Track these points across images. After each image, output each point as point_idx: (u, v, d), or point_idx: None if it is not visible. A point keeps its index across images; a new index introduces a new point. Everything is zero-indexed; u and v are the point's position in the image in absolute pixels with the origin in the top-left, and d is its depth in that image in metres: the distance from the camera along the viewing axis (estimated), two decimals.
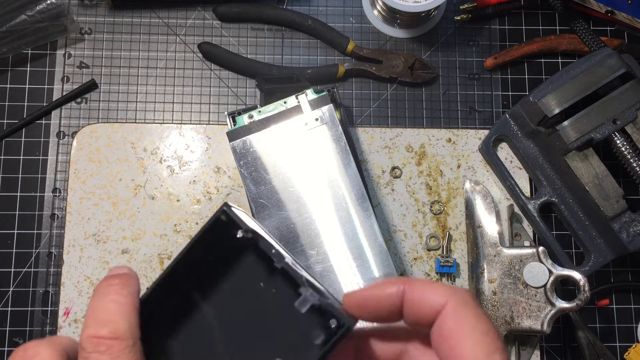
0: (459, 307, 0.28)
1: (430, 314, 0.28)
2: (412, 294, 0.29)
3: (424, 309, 0.28)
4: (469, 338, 0.27)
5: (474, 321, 0.27)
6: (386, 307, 0.29)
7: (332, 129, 0.55)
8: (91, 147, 0.62)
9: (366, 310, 0.30)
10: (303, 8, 0.66)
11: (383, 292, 0.29)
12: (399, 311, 0.29)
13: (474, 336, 0.27)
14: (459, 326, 0.27)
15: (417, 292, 0.29)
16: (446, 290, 0.28)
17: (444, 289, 0.28)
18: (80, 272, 0.59)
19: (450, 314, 0.27)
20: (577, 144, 0.57)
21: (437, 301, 0.28)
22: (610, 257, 0.59)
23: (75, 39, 0.65)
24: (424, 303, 0.28)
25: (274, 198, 0.54)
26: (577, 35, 0.65)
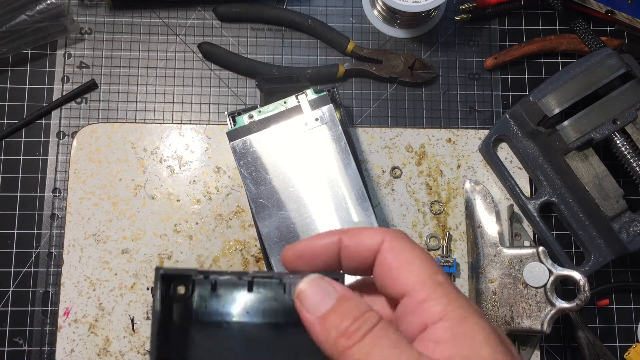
0: (394, 242, 0.29)
1: (368, 256, 0.30)
2: (348, 240, 0.30)
3: (361, 252, 0.30)
4: (410, 265, 0.28)
5: (411, 251, 0.29)
6: (323, 257, 0.31)
7: (332, 129, 0.55)
8: (91, 147, 0.62)
9: (303, 261, 0.31)
10: (303, 8, 0.66)
11: (320, 243, 0.30)
12: (336, 260, 0.31)
13: (414, 263, 0.28)
14: (398, 259, 0.29)
15: (353, 238, 0.30)
16: (379, 231, 0.30)
17: (376, 230, 0.30)
18: (80, 272, 0.59)
19: (387, 250, 0.29)
20: (577, 144, 0.57)
21: (372, 242, 0.29)
22: (610, 257, 0.59)
23: (75, 39, 0.65)
24: (359, 246, 0.30)
25: (274, 198, 0.54)
26: (577, 35, 0.65)
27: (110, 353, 0.58)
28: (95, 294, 0.59)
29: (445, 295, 0.27)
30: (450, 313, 0.27)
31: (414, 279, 0.28)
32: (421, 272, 0.28)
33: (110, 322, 0.59)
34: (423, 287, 0.27)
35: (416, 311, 0.27)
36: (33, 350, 0.59)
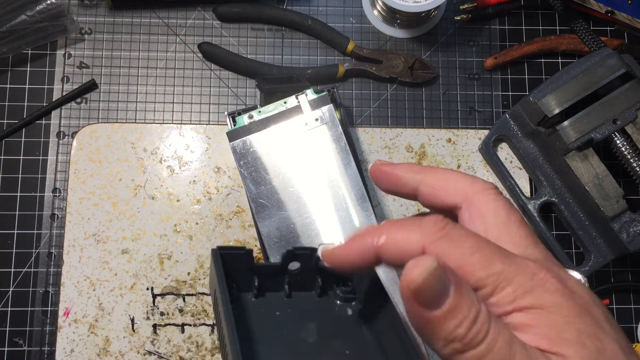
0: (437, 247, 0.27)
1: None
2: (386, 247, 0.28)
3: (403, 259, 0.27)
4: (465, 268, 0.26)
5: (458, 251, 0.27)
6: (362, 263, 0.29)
7: (332, 129, 0.55)
8: (91, 147, 0.62)
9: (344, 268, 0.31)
10: (303, 8, 0.66)
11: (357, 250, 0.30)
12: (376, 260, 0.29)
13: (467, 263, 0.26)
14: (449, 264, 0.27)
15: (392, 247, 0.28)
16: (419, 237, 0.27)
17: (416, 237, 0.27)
18: (80, 272, 0.59)
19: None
20: (577, 144, 0.57)
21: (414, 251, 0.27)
22: (610, 257, 0.59)
23: (75, 39, 0.65)
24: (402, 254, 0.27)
25: (274, 198, 0.54)
26: (577, 35, 0.65)
27: (110, 353, 0.58)
28: (95, 294, 0.59)
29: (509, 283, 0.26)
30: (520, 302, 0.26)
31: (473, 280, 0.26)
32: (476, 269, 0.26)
33: (110, 322, 0.59)
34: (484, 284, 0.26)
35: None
36: (33, 350, 0.59)
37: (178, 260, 0.60)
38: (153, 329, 0.59)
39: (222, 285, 0.31)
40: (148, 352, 0.59)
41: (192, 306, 0.60)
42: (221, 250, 0.33)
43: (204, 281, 0.60)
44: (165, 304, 0.60)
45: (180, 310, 0.59)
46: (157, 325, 0.59)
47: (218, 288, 0.31)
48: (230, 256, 0.34)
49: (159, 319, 0.59)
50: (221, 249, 0.33)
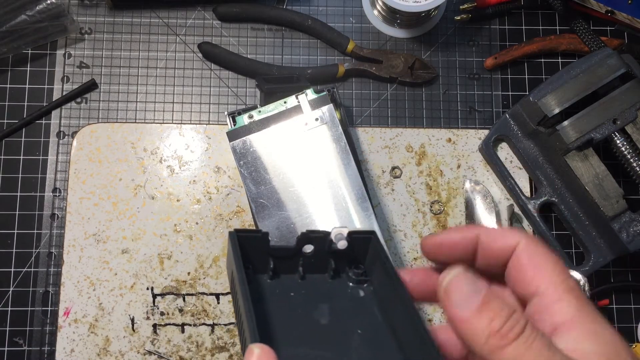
0: (530, 244, 0.30)
1: (503, 255, 0.31)
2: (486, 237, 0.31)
3: (497, 250, 0.31)
4: (543, 268, 0.29)
5: (545, 255, 0.30)
6: (460, 250, 0.32)
7: (332, 129, 0.55)
8: (91, 147, 0.62)
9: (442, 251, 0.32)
10: (303, 8, 0.66)
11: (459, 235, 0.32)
12: (472, 254, 0.32)
13: (547, 266, 0.29)
14: (532, 260, 0.29)
15: (491, 235, 0.31)
16: (515, 232, 0.31)
17: (513, 231, 0.31)
18: (80, 272, 0.59)
19: (522, 251, 0.30)
20: (577, 144, 0.57)
21: (509, 242, 0.30)
22: (610, 257, 0.59)
23: (75, 39, 0.65)
24: (496, 244, 0.31)
25: (274, 198, 0.54)
26: (577, 35, 0.65)
27: (110, 353, 0.58)
28: (95, 294, 0.59)
29: (577, 298, 0.28)
30: (583, 316, 0.27)
31: (547, 280, 0.29)
32: (554, 274, 0.29)
33: (110, 322, 0.59)
34: (556, 289, 0.28)
35: (547, 311, 0.28)
36: (33, 350, 0.59)
37: (178, 260, 0.60)
38: (153, 328, 0.59)
39: (240, 266, 0.32)
40: (148, 352, 0.59)
41: (192, 306, 0.60)
42: (238, 232, 0.34)
43: (204, 281, 0.60)
44: (165, 303, 0.60)
45: (180, 310, 0.59)
46: (157, 325, 0.59)
47: (235, 269, 0.32)
48: (247, 238, 0.35)
49: (159, 319, 0.59)
50: (238, 232, 0.34)
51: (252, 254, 0.35)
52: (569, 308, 0.27)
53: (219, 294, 0.60)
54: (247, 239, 0.35)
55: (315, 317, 0.34)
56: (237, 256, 0.33)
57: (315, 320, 0.34)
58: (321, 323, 0.34)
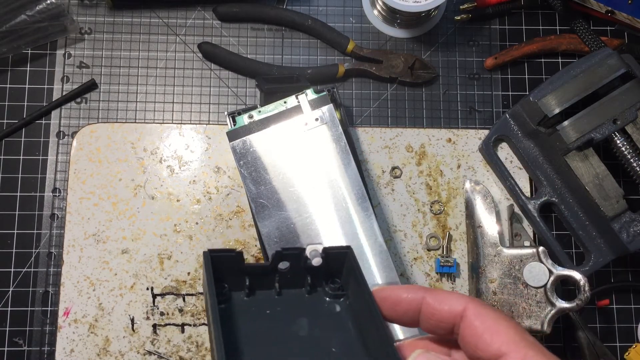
0: (479, 309, 0.31)
1: (448, 319, 0.32)
2: (432, 300, 0.32)
3: (442, 314, 0.32)
4: (499, 329, 0.30)
5: (496, 317, 0.31)
6: (405, 307, 0.33)
7: (332, 129, 0.55)
8: (91, 147, 0.62)
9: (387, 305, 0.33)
10: (303, 8, 0.66)
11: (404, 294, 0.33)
12: (416, 313, 0.33)
13: (502, 326, 0.30)
14: (485, 323, 0.30)
15: (437, 298, 0.32)
16: (462, 297, 0.32)
17: (460, 296, 0.32)
18: (80, 272, 0.59)
19: (473, 316, 0.31)
20: (577, 144, 0.57)
21: (455, 307, 0.31)
22: (610, 257, 0.59)
23: (75, 39, 0.65)
24: (442, 308, 0.32)
25: (274, 198, 0.54)
26: (577, 35, 0.65)
27: (110, 353, 0.58)
28: (95, 294, 0.59)
29: (541, 353, 0.29)
30: None
31: (507, 341, 0.29)
32: (512, 333, 0.30)
33: (110, 322, 0.59)
34: (518, 348, 0.29)
35: None
36: (33, 350, 0.59)
37: (178, 260, 0.60)
38: (153, 329, 0.59)
39: (211, 289, 0.32)
40: (148, 352, 0.59)
41: (192, 306, 0.60)
42: (211, 253, 0.34)
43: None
44: (165, 304, 0.59)
45: (180, 310, 0.59)
46: (157, 325, 0.59)
47: (207, 291, 0.32)
48: (221, 258, 0.35)
49: (159, 319, 0.59)
50: (212, 252, 0.34)
51: (227, 273, 0.35)
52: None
53: None
54: (221, 258, 0.35)
55: (291, 332, 0.35)
56: (209, 278, 0.33)
57: (291, 336, 0.34)
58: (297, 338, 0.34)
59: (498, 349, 0.29)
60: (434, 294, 0.32)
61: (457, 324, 0.31)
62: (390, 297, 0.33)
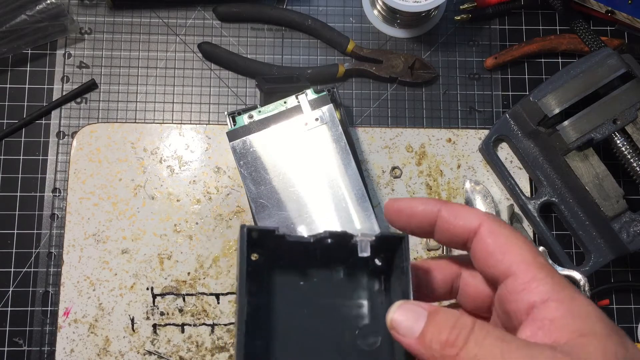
0: (493, 226, 0.30)
1: (463, 234, 0.31)
2: (447, 214, 0.31)
3: (457, 228, 0.31)
4: (512, 248, 0.29)
5: (511, 235, 0.30)
6: (419, 220, 0.32)
7: (332, 129, 0.55)
8: (91, 147, 0.62)
9: (401, 217, 0.33)
10: (303, 8, 0.66)
11: (420, 206, 0.32)
12: (431, 227, 0.32)
13: (515, 246, 0.29)
14: (498, 242, 0.30)
15: (452, 212, 0.31)
16: (478, 213, 0.31)
17: (476, 212, 0.31)
18: (80, 272, 0.59)
19: (487, 233, 0.30)
20: (577, 144, 0.57)
21: (470, 222, 0.31)
22: (610, 257, 0.59)
23: (75, 39, 0.65)
24: (457, 223, 0.31)
25: (274, 198, 0.54)
26: (577, 35, 0.65)
27: (110, 353, 0.58)
28: (95, 294, 0.59)
29: (550, 275, 0.28)
30: (559, 292, 0.27)
31: (518, 260, 0.29)
32: (524, 254, 0.29)
33: (110, 322, 0.59)
34: (528, 268, 0.28)
35: (522, 291, 0.28)
36: (33, 350, 0.59)
37: (178, 260, 0.60)
38: (153, 329, 0.59)
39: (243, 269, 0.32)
40: (148, 352, 0.59)
41: (192, 306, 0.60)
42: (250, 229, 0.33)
43: (203, 281, 0.60)
44: (165, 304, 0.59)
45: (180, 310, 0.59)
46: (157, 325, 0.59)
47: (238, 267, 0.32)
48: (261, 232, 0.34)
49: (159, 319, 0.59)
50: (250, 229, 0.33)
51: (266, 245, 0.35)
52: (545, 286, 0.28)
53: (219, 294, 0.60)
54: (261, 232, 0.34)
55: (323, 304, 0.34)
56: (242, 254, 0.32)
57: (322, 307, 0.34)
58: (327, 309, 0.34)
59: (508, 267, 0.29)
60: (449, 208, 0.32)
61: (470, 239, 0.31)
62: (406, 210, 0.33)
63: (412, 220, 0.33)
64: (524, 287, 0.28)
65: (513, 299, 0.28)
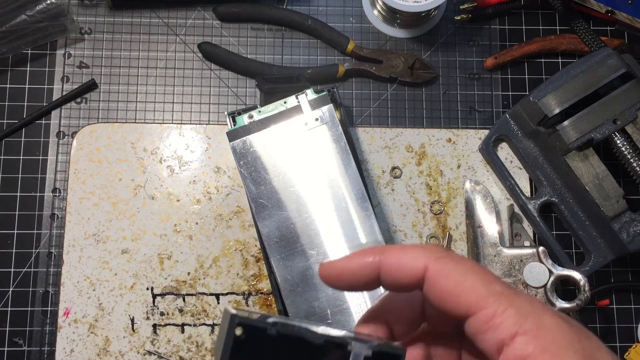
0: (440, 267, 0.28)
1: (411, 281, 0.29)
2: (389, 263, 0.29)
3: (403, 276, 0.29)
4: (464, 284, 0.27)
5: (460, 269, 0.28)
6: (362, 278, 0.30)
7: (332, 129, 0.55)
8: (91, 147, 0.62)
9: (343, 281, 0.30)
10: (303, 8, 0.66)
11: (358, 262, 0.30)
12: (376, 280, 0.30)
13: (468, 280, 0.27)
14: (450, 282, 0.28)
15: (394, 260, 0.29)
16: (420, 253, 0.29)
17: (418, 252, 0.29)
18: (80, 272, 0.59)
19: (435, 278, 0.28)
20: (577, 144, 0.57)
21: (415, 267, 0.28)
22: (610, 257, 0.59)
23: (75, 39, 0.65)
24: (401, 270, 0.29)
25: (274, 198, 0.54)
26: (577, 35, 0.65)
27: (110, 353, 0.58)
28: (95, 294, 0.59)
29: (511, 303, 0.27)
30: (524, 322, 0.26)
31: (474, 298, 0.27)
32: (478, 289, 0.27)
33: (110, 322, 0.59)
34: (486, 304, 0.27)
35: (488, 330, 0.27)
36: (33, 350, 0.59)
37: (178, 260, 0.60)
38: (153, 329, 0.59)
39: None
40: (148, 352, 0.59)
41: (192, 306, 0.60)
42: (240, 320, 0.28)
43: (203, 281, 0.60)
44: (165, 304, 0.60)
45: (180, 310, 0.59)
46: (157, 325, 0.59)
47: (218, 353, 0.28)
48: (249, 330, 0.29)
49: (159, 319, 0.59)
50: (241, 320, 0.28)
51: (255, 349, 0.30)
52: (508, 320, 0.26)
53: (219, 294, 0.60)
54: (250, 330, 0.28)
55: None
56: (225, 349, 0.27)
57: None
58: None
59: (466, 309, 0.27)
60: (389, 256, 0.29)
61: (420, 283, 0.28)
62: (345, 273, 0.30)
63: (355, 281, 0.30)
64: (488, 327, 0.26)
65: (480, 339, 0.27)
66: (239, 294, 0.60)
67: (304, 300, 0.52)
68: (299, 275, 0.52)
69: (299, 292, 0.52)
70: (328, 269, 0.30)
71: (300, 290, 0.52)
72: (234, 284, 0.60)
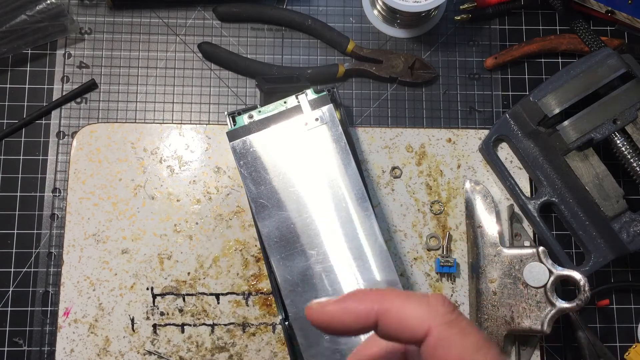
0: (445, 333, 0.26)
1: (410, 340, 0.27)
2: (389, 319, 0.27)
3: (403, 335, 0.27)
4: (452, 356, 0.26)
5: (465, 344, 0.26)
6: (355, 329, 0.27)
7: (332, 129, 0.55)
8: (91, 147, 0.62)
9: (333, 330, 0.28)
10: (303, 8, 0.66)
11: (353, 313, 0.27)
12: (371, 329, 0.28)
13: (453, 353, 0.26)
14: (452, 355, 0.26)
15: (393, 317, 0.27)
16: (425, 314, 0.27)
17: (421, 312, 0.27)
18: (80, 272, 0.59)
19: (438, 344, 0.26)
20: (577, 144, 0.57)
21: (418, 329, 0.26)
22: (610, 257, 0.59)
23: (75, 39, 0.65)
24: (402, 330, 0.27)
25: (274, 198, 0.54)
26: (577, 35, 0.65)
27: (110, 353, 0.58)
28: (95, 294, 0.59)
29: None
30: None
31: None
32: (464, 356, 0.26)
33: (110, 322, 0.59)
34: None
35: None
36: (33, 350, 0.59)
37: (178, 260, 0.60)
38: (153, 329, 0.59)
39: None
40: (148, 352, 0.59)
41: (192, 306, 0.60)
42: None
43: (203, 281, 0.60)
44: (165, 304, 0.60)
45: (180, 310, 0.59)
46: (157, 325, 0.59)
47: None
48: None
49: (159, 319, 0.59)
50: None
51: None
52: None
53: (219, 294, 0.60)
54: None
55: None
56: None
57: None
58: None
59: None
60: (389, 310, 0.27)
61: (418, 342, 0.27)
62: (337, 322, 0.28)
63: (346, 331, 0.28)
64: None
65: None
66: (239, 294, 0.60)
67: (304, 300, 0.52)
68: (299, 275, 0.52)
69: (299, 292, 0.52)
70: (318, 313, 0.28)
71: (300, 290, 0.52)
72: (234, 284, 0.60)
